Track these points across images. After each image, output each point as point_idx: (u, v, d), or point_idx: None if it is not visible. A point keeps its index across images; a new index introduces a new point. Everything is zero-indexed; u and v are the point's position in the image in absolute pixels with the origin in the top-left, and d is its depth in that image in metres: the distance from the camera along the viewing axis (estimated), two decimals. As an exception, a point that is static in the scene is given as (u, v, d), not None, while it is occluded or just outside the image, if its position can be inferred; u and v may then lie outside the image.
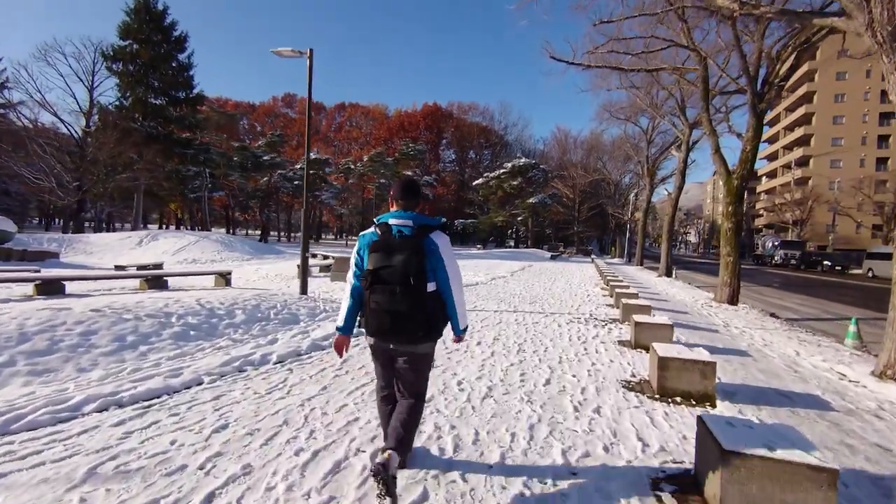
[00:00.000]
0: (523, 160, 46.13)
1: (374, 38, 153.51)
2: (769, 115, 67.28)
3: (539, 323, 7.24)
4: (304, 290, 8.08)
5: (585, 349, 5.53)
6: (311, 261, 17.48)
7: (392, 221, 2.20)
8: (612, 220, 48.37)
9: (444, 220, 2.33)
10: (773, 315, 10.43)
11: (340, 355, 2.36)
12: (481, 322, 7.02)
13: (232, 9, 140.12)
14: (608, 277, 13.78)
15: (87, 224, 44.79)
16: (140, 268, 15.72)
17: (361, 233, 2.32)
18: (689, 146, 18.45)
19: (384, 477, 1.95)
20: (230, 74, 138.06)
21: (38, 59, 31.28)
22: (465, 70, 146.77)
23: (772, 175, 66.54)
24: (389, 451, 2.05)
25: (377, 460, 2.01)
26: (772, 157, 66.72)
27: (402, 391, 2.31)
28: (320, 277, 13.13)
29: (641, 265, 28.60)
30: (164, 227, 59.02)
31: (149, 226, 59.05)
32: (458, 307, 2.29)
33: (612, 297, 11.14)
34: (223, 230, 55.33)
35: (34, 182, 26.61)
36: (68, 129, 32.14)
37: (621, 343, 6.00)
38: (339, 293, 10.01)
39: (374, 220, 2.28)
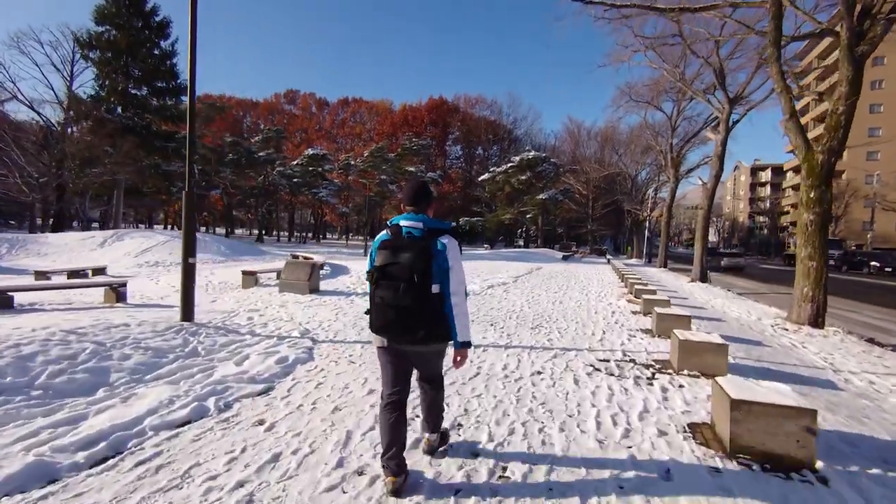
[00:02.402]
0: (532, 153, 42.89)
1: (377, 38, 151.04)
2: (796, 105, 63.20)
3: (543, 374, 4.39)
4: (186, 312, 5.34)
5: (635, 462, 2.66)
6: (273, 265, 14.86)
7: (403, 223, 2.23)
8: (628, 217, 44.93)
9: (453, 224, 2.63)
10: (872, 342, 7.45)
11: None
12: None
13: (234, 8, 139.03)
14: (635, 285, 10.85)
15: (74, 224, 42.91)
16: (71, 274, 13.29)
17: (377, 236, 2.30)
18: (728, 126, 15.35)
19: (399, 491, 2.21)
20: (233, 73, 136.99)
21: (9, 47, 29.26)
22: (468, 70, 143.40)
23: (799, 169, 62.24)
24: (427, 435, 2.60)
25: (423, 446, 2.61)
26: (799, 150, 62.41)
27: (419, 378, 2.47)
28: (269, 286, 10.44)
29: (665, 267, 25.44)
30: (167, 227, 57.12)
31: (155, 226, 57.22)
32: (457, 314, 2.19)
33: (644, 314, 8.24)
34: (224, 230, 53.33)
35: (-3, 177, 24.47)
36: (45, 122, 30.15)
37: (698, 432, 3.13)
38: (273, 311, 7.29)
39: (388, 222, 2.31)
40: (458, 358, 2.25)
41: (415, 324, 2.09)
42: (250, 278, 10.44)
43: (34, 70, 41.95)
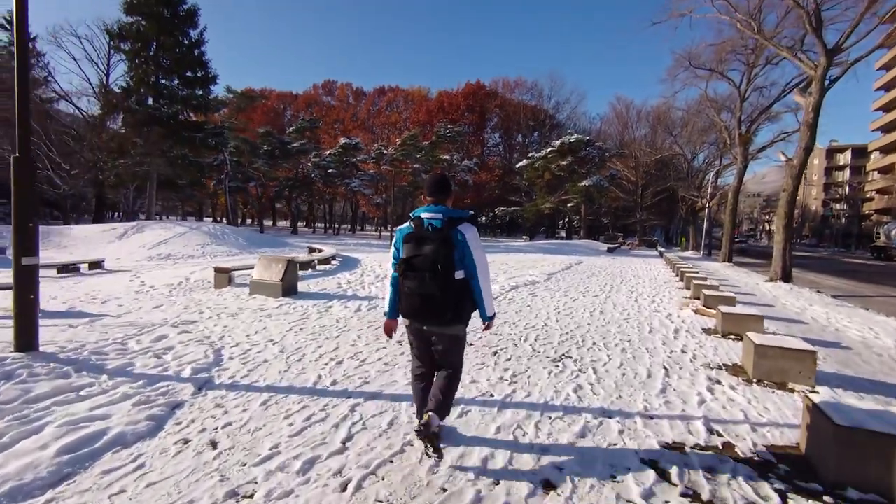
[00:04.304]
0: (574, 136, 39.42)
1: (414, 26, 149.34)
2: (884, 79, 55.09)
3: (554, 496, 2.22)
4: (23, 338, 3.56)
5: None
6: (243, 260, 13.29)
7: (424, 215, 2.39)
8: (682, 205, 40.57)
9: (472, 212, 2.45)
10: None
11: (390, 336, 2.63)
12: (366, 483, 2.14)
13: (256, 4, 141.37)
14: (702, 288, 8.24)
15: (113, 215, 44.10)
16: (62, 268, 12.49)
17: (398, 227, 2.47)
18: (824, 86, 12.09)
19: (427, 434, 2.29)
20: (274, 67, 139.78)
21: (48, 42, 29.74)
22: (508, 51, 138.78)
23: (889, 149, 54.56)
24: (429, 413, 2.34)
25: (420, 422, 2.34)
26: (888, 129, 54.71)
27: (439, 366, 2.53)
28: (245, 287, 8.73)
29: (729, 261, 21.94)
30: (216, 220, 57.92)
31: (205, 218, 58.31)
32: (484, 295, 2.41)
33: (724, 335, 5.78)
34: (268, 222, 53.51)
35: (30, 170, 24.70)
36: (83, 115, 30.61)
37: None
38: (210, 324, 5.51)
39: (410, 214, 2.44)
40: (486, 327, 2.56)
41: (440, 309, 2.29)
42: (223, 277, 8.79)
43: (71, 64, 45.06)
